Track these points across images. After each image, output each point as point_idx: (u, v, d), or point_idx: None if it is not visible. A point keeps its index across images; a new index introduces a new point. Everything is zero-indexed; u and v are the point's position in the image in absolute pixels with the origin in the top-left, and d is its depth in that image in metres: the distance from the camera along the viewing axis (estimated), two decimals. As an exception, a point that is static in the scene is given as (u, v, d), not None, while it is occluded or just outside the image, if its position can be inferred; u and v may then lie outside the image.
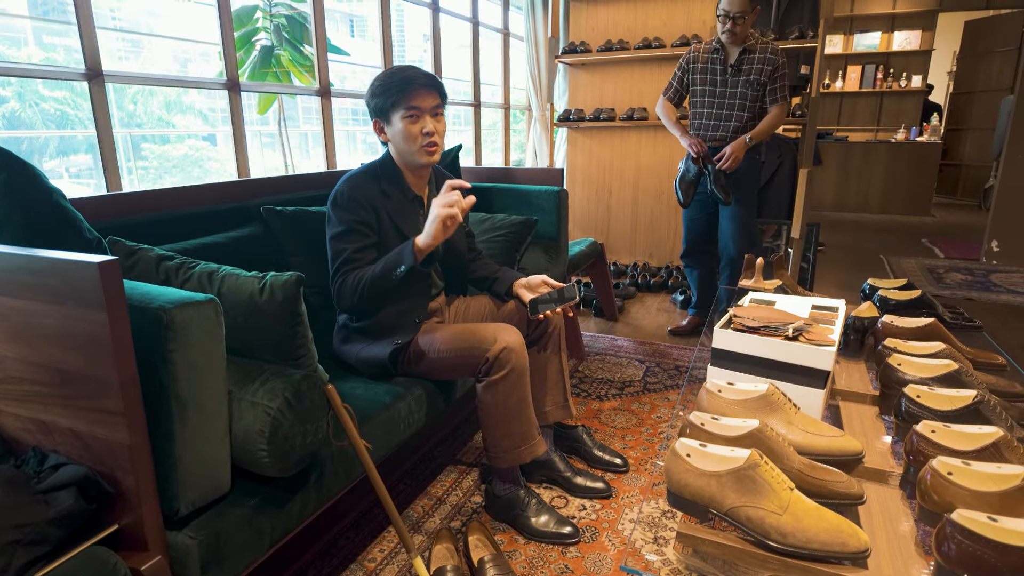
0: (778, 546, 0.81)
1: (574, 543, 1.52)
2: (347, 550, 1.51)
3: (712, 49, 2.63)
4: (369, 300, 1.49)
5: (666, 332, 3.06)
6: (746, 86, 2.59)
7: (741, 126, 2.66)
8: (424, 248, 1.43)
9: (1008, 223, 4.49)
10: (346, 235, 1.50)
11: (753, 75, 2.57)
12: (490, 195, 2.59)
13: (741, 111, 2.64)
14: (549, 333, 1.69)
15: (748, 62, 2.57)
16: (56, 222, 1.11)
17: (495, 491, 1.62)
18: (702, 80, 2.67)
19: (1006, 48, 7.25)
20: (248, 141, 2.44)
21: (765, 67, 2.56)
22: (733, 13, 2.45)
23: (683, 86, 2.76)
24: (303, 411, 1.06)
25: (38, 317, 0.89)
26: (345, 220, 1.50)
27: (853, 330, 1.51)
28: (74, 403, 0.90)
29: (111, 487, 0.90)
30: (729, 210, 2.75)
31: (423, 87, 1.48)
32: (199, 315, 0.93)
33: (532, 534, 1.54)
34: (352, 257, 1.50)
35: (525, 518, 1.56)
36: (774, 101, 2.63)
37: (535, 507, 1.57)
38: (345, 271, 1.49)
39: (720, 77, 2.63)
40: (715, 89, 2.66)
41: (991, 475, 0.82)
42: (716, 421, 0.98)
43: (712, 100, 2.68)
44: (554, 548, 1.51)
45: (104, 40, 1.89)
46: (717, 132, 2.70)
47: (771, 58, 2.56)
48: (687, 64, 2.71)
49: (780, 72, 2.58)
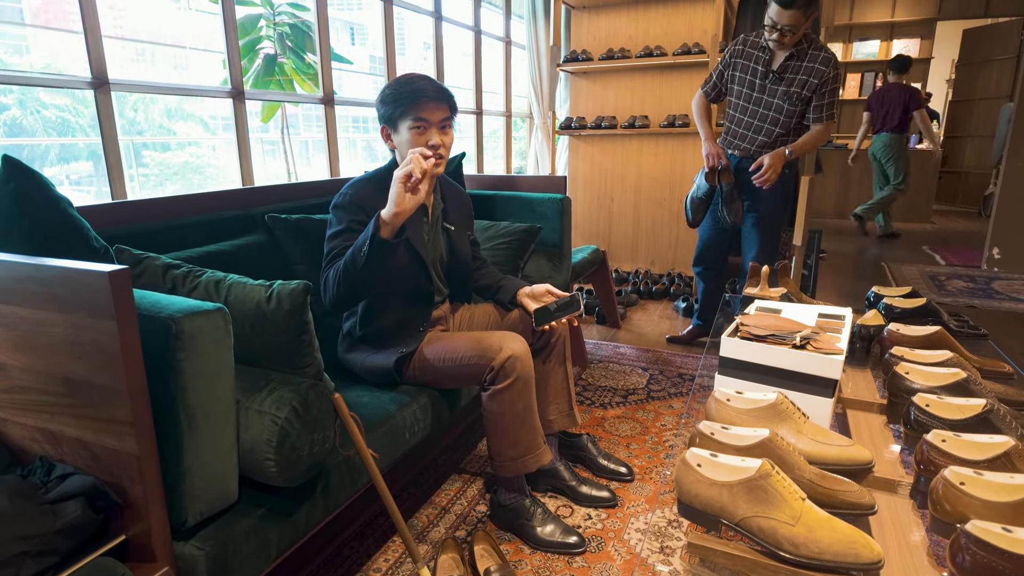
0: (790, 557, 0.81)
1: (580, 553, 1.52)
2: (352, 560, 1.50)
3: (760, 46, 2.29)
4: (346, 287, 1.38)
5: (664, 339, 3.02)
6: (785, 98, 2.28)
7: (770, 142, 2.35)
8: (388, 219, 1.32)
9: (1009, 230, 4.50)
10: (340, 233, 1.47)
11: (795, 87, 2.25)
12: (493, 202, 2.59)
13: (774, 125, 2.33)
14: (554, 342, 1.69)
15: (793, 71, 2.24)
16: (64, 231, 1.11)
17: (500, 500, 1.61)
18: (740, 80, 2.36)
19: (1004, 56, 7.29)
20: (251, 151, 2.45)
21: (811, 79, 2.22)
22: (782, 25, 2.12)
23: (722, 82, 2.45)
24: (311, 420, 1.06)
25: (46, 326, 0.89)
26: (343, 220, 1.48)
27: (859, 338, 1.51)
28: (82, 413, 0.90)
29: (119, 497, 0.90)
30: (748, 227, 2.51)
31: (432, 99, 1.47)
32: (208, 324, 0.93)
33: (538, 544, 1.53)
34: (340, 253, 1.44)
35: (531, 528, 1.55)
36: (819, 119, 2.30)
37: (541, 516, 1.56)
38: (329, 263, 1.46)
39: (760, 81, 2.31)
40: (751, 93, 2.34)
41: (1004, 485, 0.82)
42: (726, 431, 0.98)
43: (746, 106, 2.37)
44: (560, 558, 1.50)
45: (106, 47, 1.89)
46: (744, 143, 2.42)
47: (820, 69, 2.22)
48: (730, 58, 2.39)
49: (830, 87, 2.24)
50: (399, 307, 1.57)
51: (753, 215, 2.50)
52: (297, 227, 1.80)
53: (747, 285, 1.80)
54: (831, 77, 2.23)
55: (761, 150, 2.37)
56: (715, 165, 2.37)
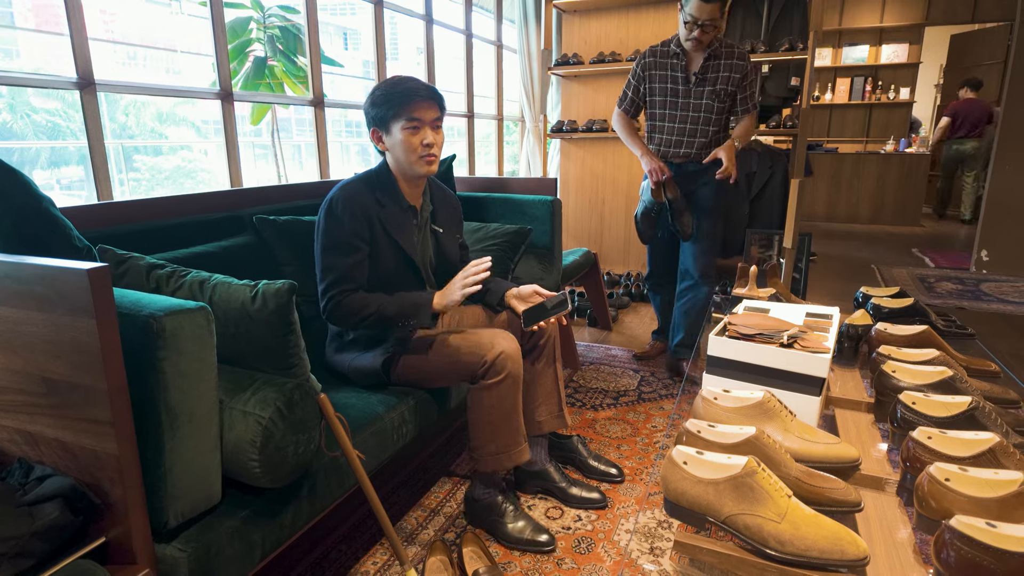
0: (776, 554, 0.81)
1: (550, 551, 1.52)
2: (339, 563, 1.49)
3: (671, 54, 2.31)
4: (371, 329, 1.53)
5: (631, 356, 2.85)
6: (713, 97, 2.30)
7: (708, 141, 2.36)
8: (441, 310, 1.48)
9: (997, 233, 4.54)
10: (338, 248, 1.49)
11: (720, 84, 2.28)
12: (484, 204, 2.59)
13: (707, 124, 2.34)
14: (544, 343, 1.68)
15: (713, 69, 2.28)
16: (45, 230, 1.10)
17: (474, 495, 1.61)
18: (661, 90, 2.35)
19: (992, 61, 7.36)
20: (241, 152, 2.44)
21: (733, 75, 2.27)
22: (702, 20, 2.14)
23: (639, 96, 2.45)
24: (295, 421, 1.05)
25: (24, 325, 0.88)
26: (338, 233, 1.49)
27: (847, 338, 1.51)
28: (61, 413, 0.89)
29: (98, 499, 0.89)
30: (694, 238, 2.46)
31: (424, 99, 1.49)
32: (190, 323, 0.92)
33: (508, 540, 1.54)
34: (347, 275, 1.48)
35: (503, 524, 1.55)
36: (746, 111, 2.36)
37: (512, 513, 1.57)
38: (342, 290, 1.48)
39: (683, 87, 2.32)
40: (676, 100, 2.35)
41: (989, 481, 0.82)
42: (713, 428, 0.98)
43: (674, 113, 2.36)
44: (549, 559, 1.50)
45: (97, 51, 1.88)
46: (681, 148, 2.40)
47: (739, 64, 2.28)
48: (643, 72, 2.39)
49: (750, 79, 2.31)
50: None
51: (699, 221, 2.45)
52: (285, 228, 1.79)
53: (736, 285, 1.81)
54: (751, 69, 2.31)
55: (703, 151, 2.36)
56: (659, 179, 2.32)
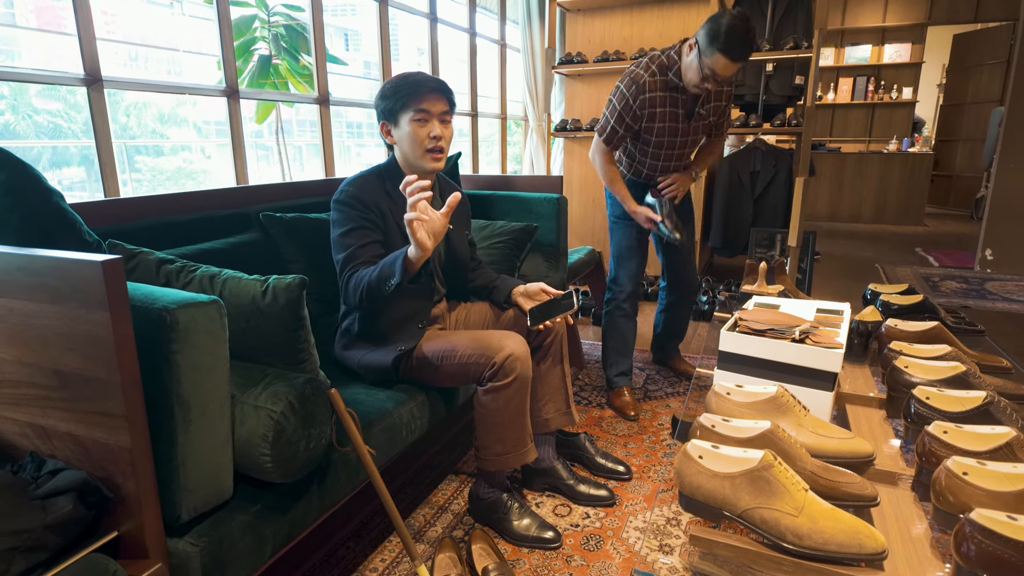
0: (794, 548, 0.80)
1: (556, 547, 1.52)
2: (348, 559, 1.48)
3: (671, 86, 2.08)
4: (368, 305, 1.47)
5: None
6: (705, 129, 2.23)
7: (682, 164, 2.29)
8: (415, 260, 1.34)
9: (1001, 232, 4.53)
10: (352, 232, 1.49)
11: (712, 116, 2.20)
12: (490, 202, 2.58)
13: (692, 148, 2.27)
14: (551, 341, 1.68)
15: (705, 101, 2.15)
16: (55, 224, 1.10)
17: (479, 493, 1.61)
18: (659, 131, 2.14)
19: (994, 61, 7.36)
20: (245, 151, 2.44)
21: (719, 103, 2.19)
22: (720, 78, 1.97)
23: (631, 132, 2.14)
24: (307, 415, 1.04)
25: (37, 318, 0.88)
26: (351, 217, 1.49)
27: (857, 334, 1.51)
28: (73, 406, 0.88)
29: (111, 493, 0.88)
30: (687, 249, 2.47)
31: (433, 91, 1.50)
32: (203, 316, 0.91)
33: (513, 538, 1.54)
34: (356, 253, 1.47)
35: (508, 522, 1.55)
36: (720, 135, 2.31)
37: (517, 511, 1.56)
38: (351, 267, 1.47)
39: (683, 124, 2.15)
40: (675, 140, 2.18)
41: (1007, 475, 0.81)
42: (727, 423, 0.97)
43: (671, 152, 2.21)
44: (558, 556, 1.49)
45: (99, 50, 1.87)
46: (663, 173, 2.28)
47: (726, 91, 2.19)
48: (640, 110, 2.08)
49: (729, 103, 2.24)
50: (398, 305, 1.56)
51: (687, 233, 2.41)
52: (292, 226, 1.79)
53: (744, 282, 1.80)
54: (731, 94, 2.24)
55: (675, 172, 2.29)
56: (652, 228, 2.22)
